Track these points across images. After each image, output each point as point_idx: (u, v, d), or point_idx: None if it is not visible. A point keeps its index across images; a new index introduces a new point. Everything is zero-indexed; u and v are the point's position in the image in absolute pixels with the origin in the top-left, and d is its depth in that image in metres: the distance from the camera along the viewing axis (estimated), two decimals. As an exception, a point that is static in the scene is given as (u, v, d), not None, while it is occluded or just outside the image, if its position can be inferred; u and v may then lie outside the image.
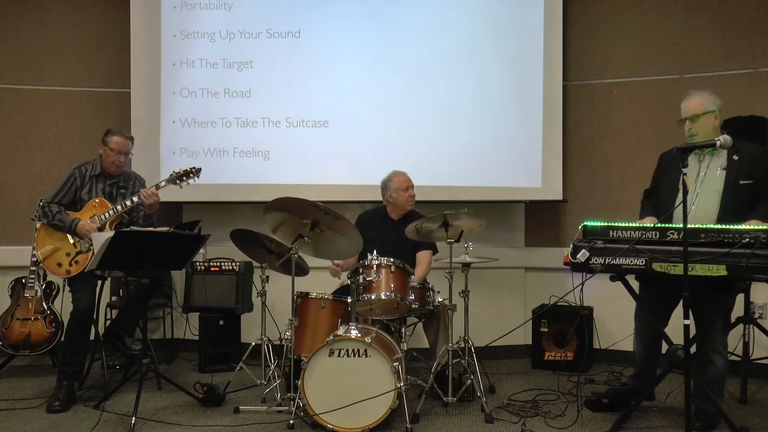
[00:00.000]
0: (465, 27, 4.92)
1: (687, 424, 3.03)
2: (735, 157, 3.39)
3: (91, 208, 4.03)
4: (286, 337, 3.98)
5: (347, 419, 3.38)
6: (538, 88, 4.88)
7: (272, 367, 4.14)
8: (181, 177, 4.12)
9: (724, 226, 3.12)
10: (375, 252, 3.80)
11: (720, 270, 3.01)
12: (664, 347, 3.30)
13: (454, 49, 4.93)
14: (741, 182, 3.35)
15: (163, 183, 4.09)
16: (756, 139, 3.99)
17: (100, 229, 3.96)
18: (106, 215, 3.99)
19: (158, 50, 5.05)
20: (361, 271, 3.78)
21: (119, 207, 4.00)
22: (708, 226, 3.17)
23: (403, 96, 4.94)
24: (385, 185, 4.39)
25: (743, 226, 3.09)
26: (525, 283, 5.16)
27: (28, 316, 4.44)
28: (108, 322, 4.63)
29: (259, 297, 4.19)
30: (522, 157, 4.92)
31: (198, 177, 4.18)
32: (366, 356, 3.41)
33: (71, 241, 3.98)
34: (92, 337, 4.12)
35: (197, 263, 4.80)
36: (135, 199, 4.00)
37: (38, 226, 4.07)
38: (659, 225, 3.23)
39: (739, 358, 4.06)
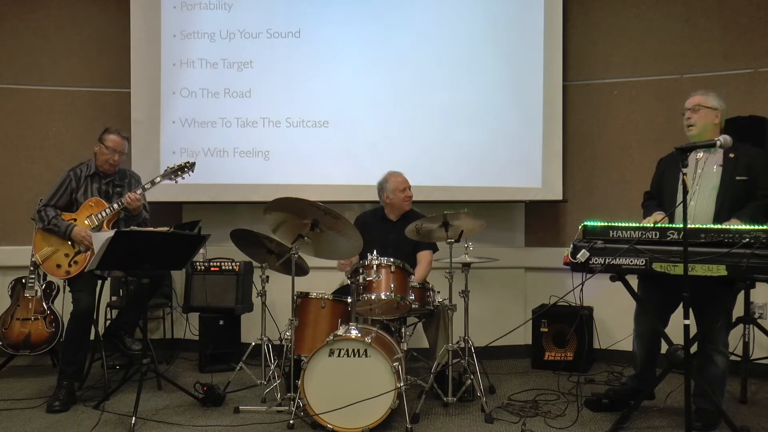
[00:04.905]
0: (465, 27, 4.92)
1: (687, 424, 3.03)
2: (731, 155, 3.41)
3: (87, 208, 4.03)
4: (286, 337, 3.98)
5: (347, 419, 3.38)
6: (538, 88, 4.88)
7: (272, 367, 4.14)
8: (175, 172, 4.13)
9: (724, 227, 3.13)
10: (375, 252, 3.80)
11: (720, 270, 3.02)
12: (664, 347, 3.30)
13: (454, 49, 4.93)
14: (737, 178, 3.37)
15: (158, 179, 4.11)
16: (756, 139, 4.00)
17: (97, 228, 3.96)
18: (103, 214, 3.99)
19: (158, 50, 5.05)
20: (361, 271, 3.78)
21: (115, 206, 4.00)
22: (708, 226, 3.17)
23: (403, 96, 4.94)
24: (381, 186, 4.39)
25: (740, 227, 3.09)
26: (525, 283, 5.15)
27: (28, 316, 4.44)
28: (108, 322, 4.63)
29: (259, 297, 4.18)
30: (522, 157, 4.92)
31: (192, 171, 4.18)
32: (366, 356, 3.41)
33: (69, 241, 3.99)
34: (92, 337, 4.12)
35: (197, 263, 4.80)
36: (122, 201, 3.99)
37: (36, 227, 4.07)
38: (659, 225, 3.23)
39: (739, 358, 4.06)
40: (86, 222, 3.99)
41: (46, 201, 4.04)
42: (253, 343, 4.26)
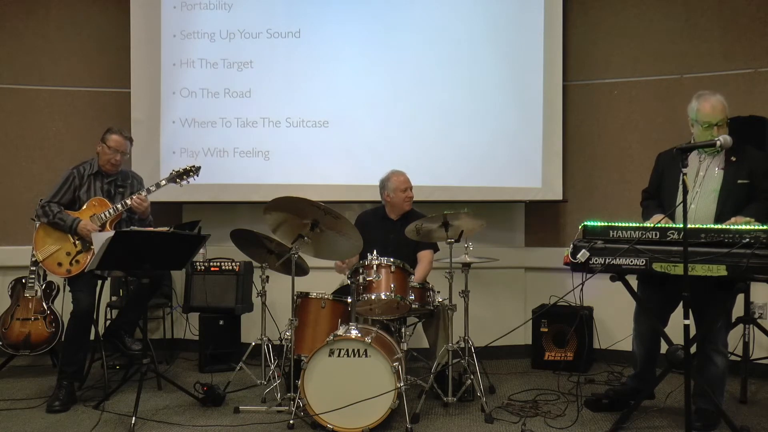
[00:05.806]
0: (465, 27, 4.92)
1: (687, 424, 3.03)
2: (733, 159, 3.40)
3: (90, 207, 4.03)
4: (286, 337, 3.98)
5: (347, 419, 3.38)
6: (538, 88, 4.88)
7: (272, 367, 4.14)
8: (180, 176, 4.14)
9: (724, 226, 3.13)
10: (375, 252, 3.80)
11: (720, 270, 3.01)
12: (664, 347, 3.30)
13: (454, 49, 4.93)
14: (739, 182, 3.37)
15: (163, 182, 4.12)
16: (756, 139, 3.99)
17: (101, 228, 3.96)
18: (106, 214, 4.00)
19: (158, 50, 5.04)
20: (361, 271, 3.78)
21: (119, 206, 4.00)
22: (708, 226, 3.17)
23: (403, 96, 4.94)
24: (383, 184, 4.39)
25: (741, 227, 3.09)
26: (525, 283, 5.15)
27: (28, 316, 4.44)
28: (108, 322, 4.63)
29: (259, 297, 4.19)
30: (522, 157, 4.92)
31: (197, 175, 4.20)
32: (366, 356, 3.41)
33: (71, 240, 3.98)
34: (92, 337, 4.12)
35: (197, 263, 4.80)
36: (127, 202, 4.00)
37: (37, 226, 4.07)
38: (659, 225, 3.23)
39: (739, 358, 4.06)
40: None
41: (50, 197, 4.03)
42: (253, 343, 4.26)
